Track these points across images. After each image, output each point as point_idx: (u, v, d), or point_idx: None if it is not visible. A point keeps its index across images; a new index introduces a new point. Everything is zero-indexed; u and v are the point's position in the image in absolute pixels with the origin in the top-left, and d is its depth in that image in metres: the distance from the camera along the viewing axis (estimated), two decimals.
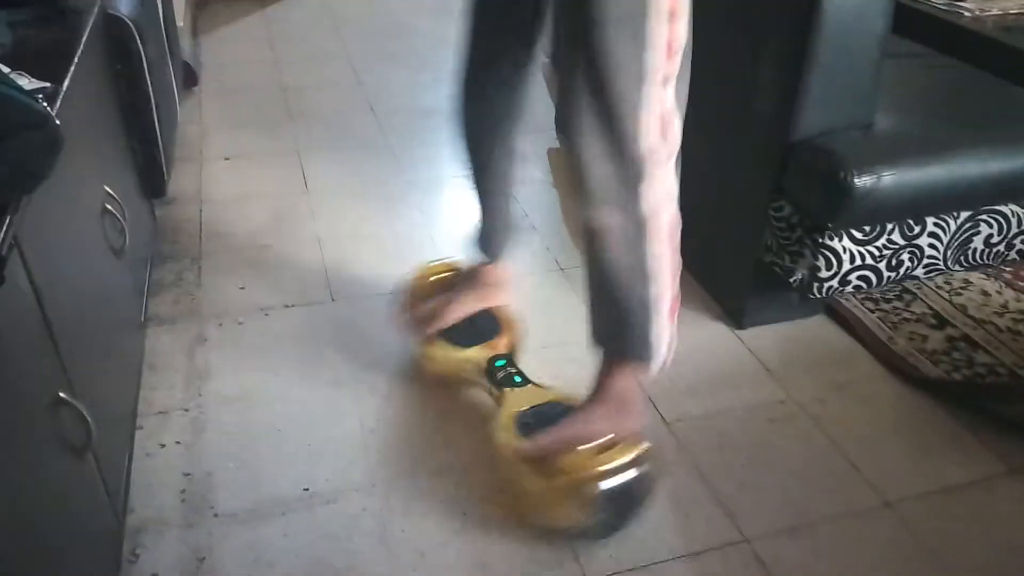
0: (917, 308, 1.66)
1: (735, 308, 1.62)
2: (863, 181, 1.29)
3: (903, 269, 1.46)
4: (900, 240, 1.42)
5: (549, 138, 2.38)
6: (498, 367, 1.34)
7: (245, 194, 2.02)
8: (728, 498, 1.24)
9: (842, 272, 1.41)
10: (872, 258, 1.42)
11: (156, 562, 1.11)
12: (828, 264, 1.39)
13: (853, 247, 1.39)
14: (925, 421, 1.40)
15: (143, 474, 1.24)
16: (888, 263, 1.43)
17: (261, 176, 2.11)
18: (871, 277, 1.44)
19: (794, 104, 1.35)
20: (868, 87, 1.37)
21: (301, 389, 1.42)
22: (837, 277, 1.41)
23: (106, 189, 1.24)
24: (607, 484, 1.09)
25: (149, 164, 1.66)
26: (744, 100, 1.48)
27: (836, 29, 1.28)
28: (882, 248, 1.41)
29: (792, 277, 1.44)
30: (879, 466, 1.31)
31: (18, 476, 0.77)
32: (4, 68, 0.96)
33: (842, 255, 1.39)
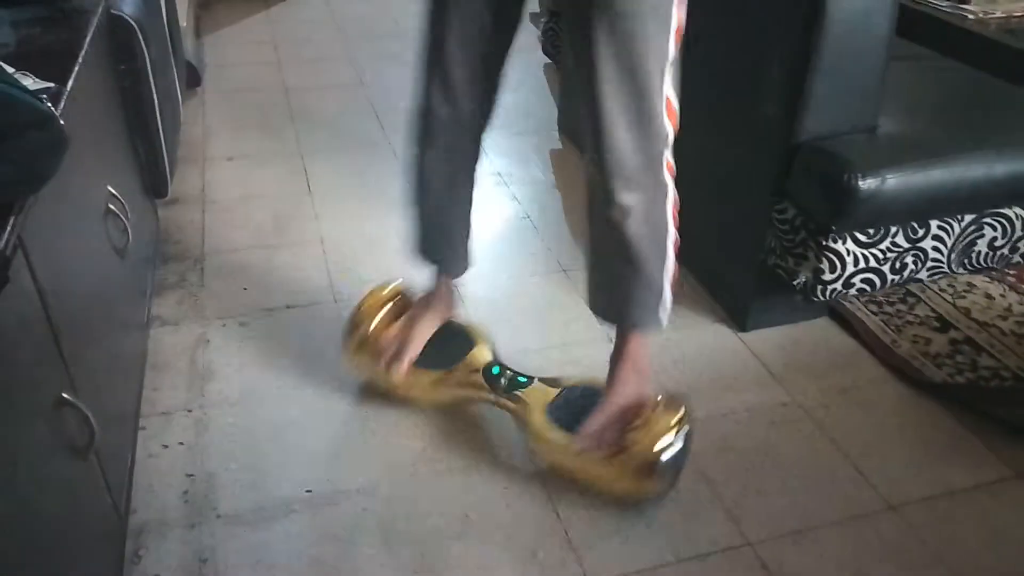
0: (921, 311, 1.66)
1: (738, 311, 1.62)
2: (867, 184, 1.29)
3: (907, 272, 1.46)
4: (904, 243, 1.42)
5: (550, 138, 2.40)
6: (495, 375, 1.31)
7: (248, 195, 2.02)
8: (731, 501, 1.24)
9: (846, 275, 1.41)
10: (876, 261, 1.41)
11: (158, 563, 1.11)
12: (832, 267, 1.39)
13: (857, 250, 1.39)
14: (929, 425, 1.40)
15: (146, 475, 1.24)
16: (892, 266, 1.43)
17: (264, 177, 2.11)
18: (875, 280, 1.43)
19: (798, 106, 1.34)
20: (872, 89, 1.37)
21: (304, 390, 1.42)
22: (841, 280, 1.41)
23: (109, 189, 1.24)
24: (668, 453, 1.16)
25: (152, 164, 1.66)
26: (748, 102, 1.48)
27: (841, 32, 1.28)
28: (886, 251, 1.41)
29: (795, 280, 1.43)
30: (883, 470, 1.30)
31: (21, 476, 0.77)
32: (8, 68, 0.96)
33: (846, 258, 1.39)
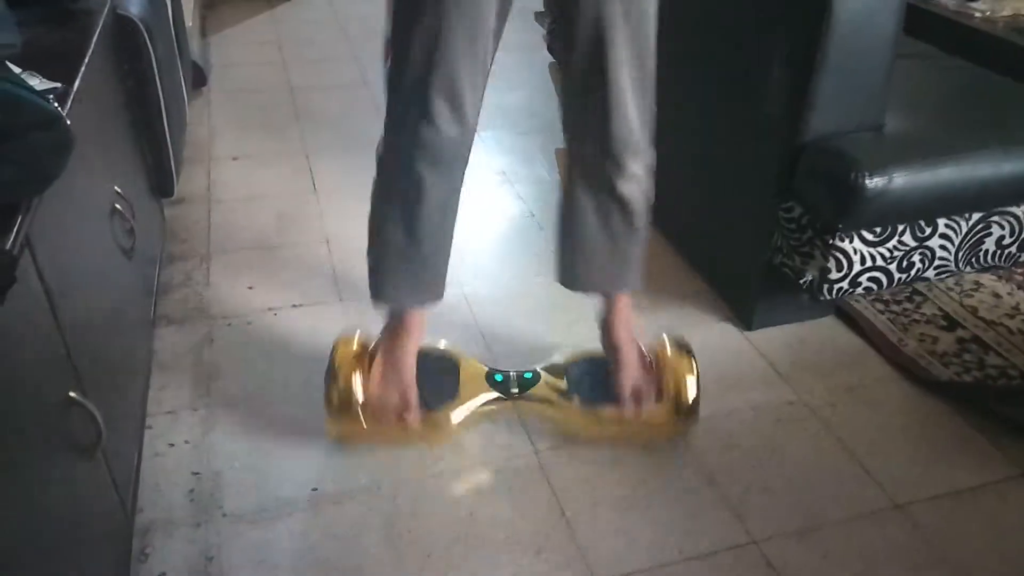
0: (928, 310, 1.65)
1: (744, 309, 1.62)
2: (874, 182, 1.28)
3: (914, 271, 1.45)
4: (911, 241, 1.41)
5: (555, 138, 2.39)
6: (501, 381, 1.30)
7: (253, 194, 2.02)
8: (737, 500, 1.24)
9: (852, 274, 1.40)
10: (883, 259, 1.41)
11: (165, 561, 1.11)
12: (838, 265, 1.39)
13: (864, 248, 1.38)
14: (935, 424, 1.39)
15: (152, 473, 1.24)
16: (899, 264, 1.43)
17: (269, 176, 2.11)
18: (882, 279, 1.43)
19: (804, 105, 1.34)
20: (879, 88, 1.37)
21: (309, 389, 1.41)
22: (847, 279, 1.40)
23: (116, 189, 1.24)
24: (696, 389, 1.29)
25: (158, 164, 1.67)
26: (754, 101, 1.47)
27: (847, 30, 1.28)
28: (893, 249, 1.41)
29: (802, 279, 1.43)
30: (889, 468, 1.30)
31: (28, 475, 0.77)
32: (15, 68, 0.96)
33: (852, 256, 1.38)
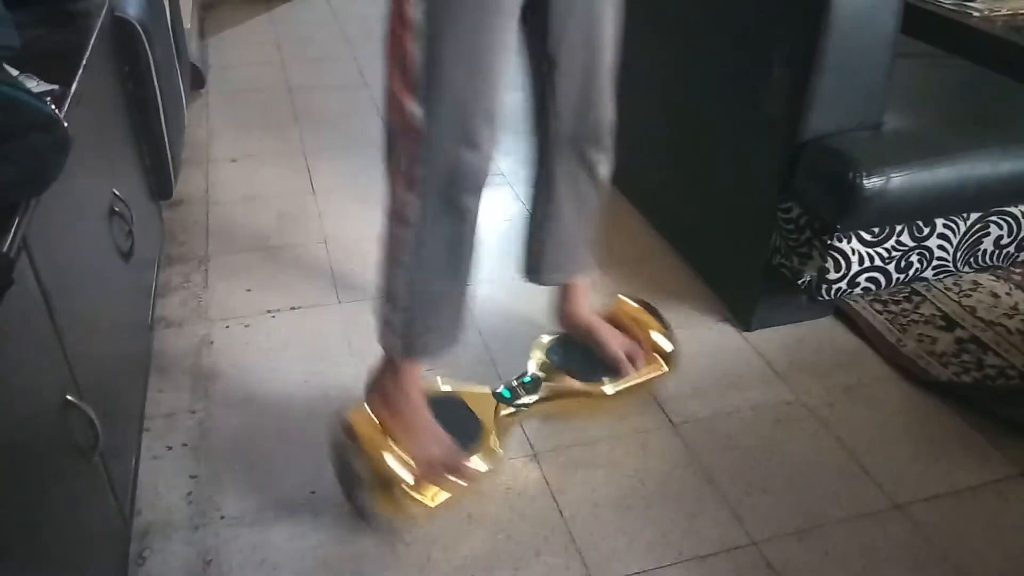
0: (926, 310, 1.65)
1: (743, 310, 1.62)
2: (872, 182, 1.28)
3: (912, 271, 1.45)
4: (909, 241, 1.41)
5: None
6: (508, 397, 1.28)
7: (252, 196, 2.02)
8: (736, 500, 1.24)
9: (851, 274, 1.40)
10: (881, 260, 1.41)
11: (163, 564, 1.11)
12: (836, 266, 1.39)
13: (862, 249, 1.38)
14: (934, 423, 1.39)
15: (150, 476, 1.24)
16: (897, 265, 1.43)
17: (268, 178, 2.11)
18: (880, 279, 1.43)
19: (803, 105, 1.34)
20: (878, 87, 1.37)
21: (307, 391, 1.42)
22: (846, 279, 1.40)
23: (114, 191, 1.24)
24: (668, 345, 1.41)
25: (156, 166, 1.66)
26: (753, 101, 1.47)
27: (846, 29, 1.28)
28: (891, 250, 1.41)
29: (800, 279, 1.43)
30: (888, 468, 1.30)
31: (26, 478, 0.77)
32: (12, 70, 0.96)
33: (851, 257, 1.38)
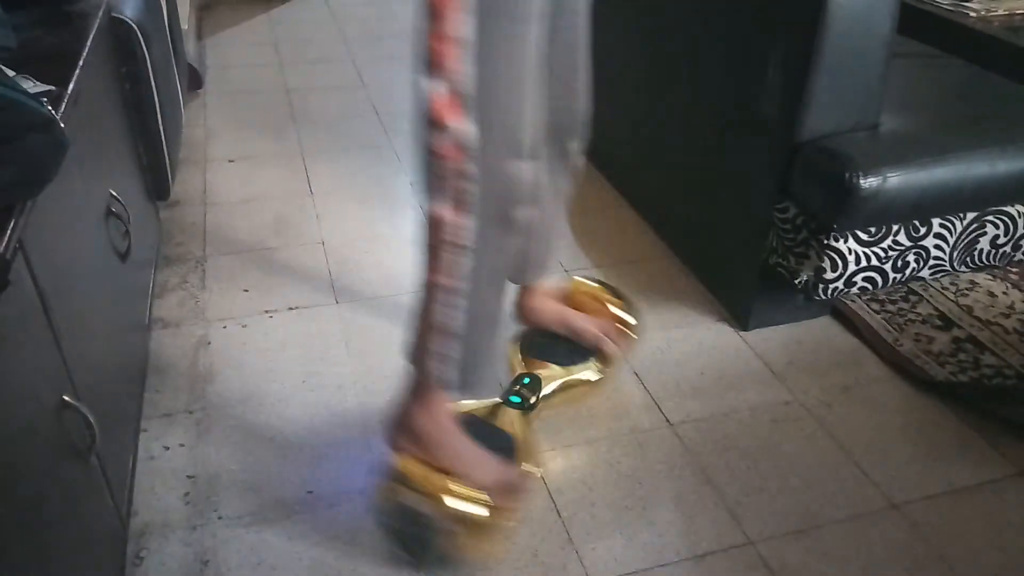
0: (923, 309, 1.66)
1: (740, 310, 1.62)
2: (869, 182, 1.28)
3: (909, 270, 1.45)
4: (906, 241, 1.41)
5: None
6: (518, 402, 1.28)
7: (249, 196, 2.02)
8: (733, 500, 1.24)
9: (847, 273, 1.40)
10: (878, 259, 1.41)
11: (160, 565, 1.11)
12: (833, 265, 1.39)
13: (859, 248, 1.39)
14: (932, 423, 1.40)
15: (147, 477, 1.24)
16: (894, 264, 1.43)
17: (265, 178, 2.11)
18: (877, 278, 1.43)
19: (800, 105, 1.34)
20: (874, 88, 1.37)
21: (305, 391, 1.42)
22: (842, 279, 1.40)
23: (111, 192, 1.24)
24: (633, 315, 1.47)
25: (154, 167, 1.66)
26: (749, 101, 1.47)
27: (842, 29, 1.28)
28: (888, 249, 1.41)
29: (797, 279, 1.43)
30: (886, 468, 1.30)
31: (23, 478, 0.77)
32: (9, 71, 0.96)
33: (847, 256, 1.38)
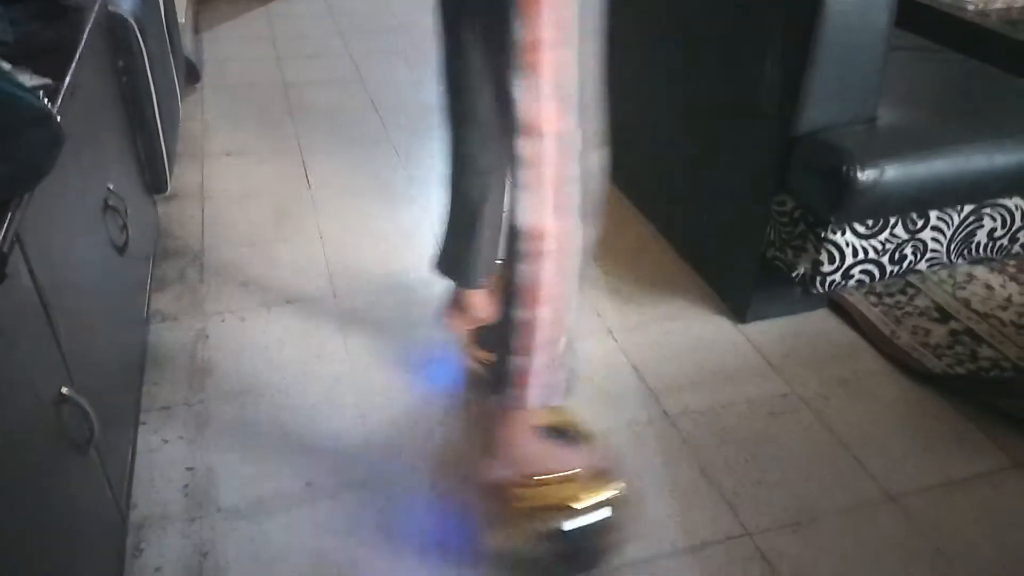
0: (920, 302, 1.66)
1: (738, 302, 1.62)
2: (866, 175, 1.29)
3: (906, 263, 1.45)
4: (903, 234, 1.41)
5: None
6: None
7: (247, 190, 2.02)
8: (730, 492, 1.24)
9: (845, 266, 1.40)
10: (875, 252, 1.41)
11: (159, 556, 1.12)
12: (830, 258, 1.39)
13: (856, 241, 1.39)
14: (928, 415, 1.40)
15: (146, 469, 1.24)
16: (891, 257, 1.43)
17: (263, 172, 2.11)
18: (874, 271, 1.43)
19: (797, 98, 1.34)
20: (872, 81, 1.37)
21: (303, 384, 1.42)
22: (840, 271, 1.41)
23: (108, 186, 1.24)
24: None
25: (151, 160, 1.66)
26: (747, 94, 1.47)
27: (840, 22, 1.28)
28: (885, 242, 1.41)
29: (795, 271, 1.43)
30: (882, 460, 1.30)
31: (22, 472, 0.77)
32: (5, 65, 0.96)
33: (845, 249, 1.39)
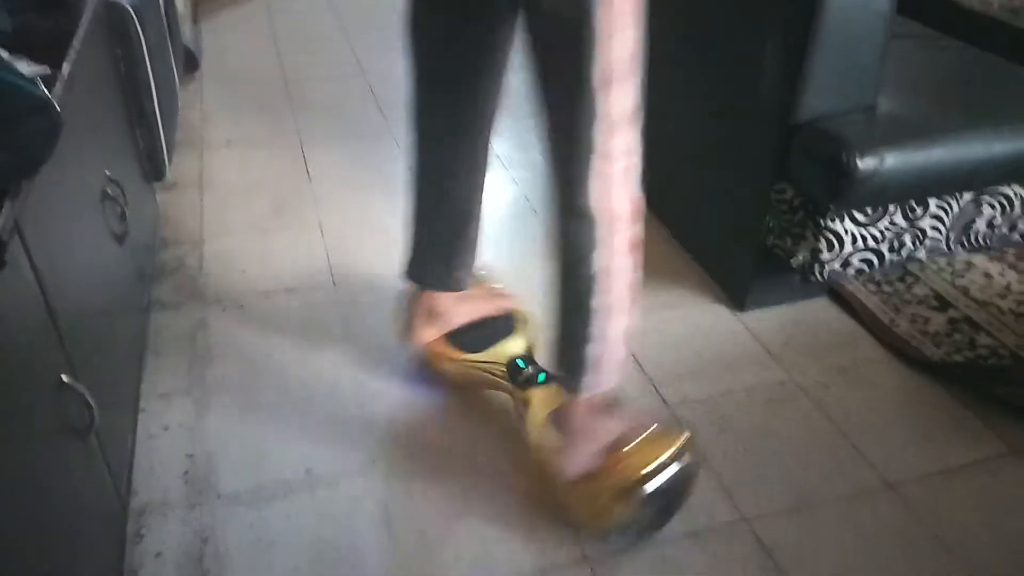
0: (919, 290, 1.66)
1: (737, 291, 1.62)
2: (866, 163, 1.28)
3: (905, 251, 1.45)
4: (902, 222, 1.41)
5: None
6: (520, 367, 1.30)
7: (247, 179, 2.02)
8: (729, 480, 1.25)
9: (844, 254, 1.40)
10: (874, 240, 1.41)
11: (160, 543, 1.12)
12: (830, 246, 1.39)
13: (855, 229, 1.39)
14: (927, 403, 1.40)
15: (146, 456, 1.25)
16: (890, 245, 1.43)
17: (263, 161, 2.11)
18: (873, 259, 1.43)
19: (797, 86, 1.34)
20: (872, 68, 1.36)
21: (302, 372, 1.42)
22: (839, 259, 1.41)
23: (107, 174, 1.24)
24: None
25: (150, 149, 1.66)
26: (746, 82, 1.47)
27: (840, 10, 1.27)
28: (884, 230, 1.41)
29: (794, 260, 1.43)
30: (881, 448, 1.31)
31: (22, 459, 0.77)
32: (3, 53, 0.96)
33: (844, 237, 1.39)
